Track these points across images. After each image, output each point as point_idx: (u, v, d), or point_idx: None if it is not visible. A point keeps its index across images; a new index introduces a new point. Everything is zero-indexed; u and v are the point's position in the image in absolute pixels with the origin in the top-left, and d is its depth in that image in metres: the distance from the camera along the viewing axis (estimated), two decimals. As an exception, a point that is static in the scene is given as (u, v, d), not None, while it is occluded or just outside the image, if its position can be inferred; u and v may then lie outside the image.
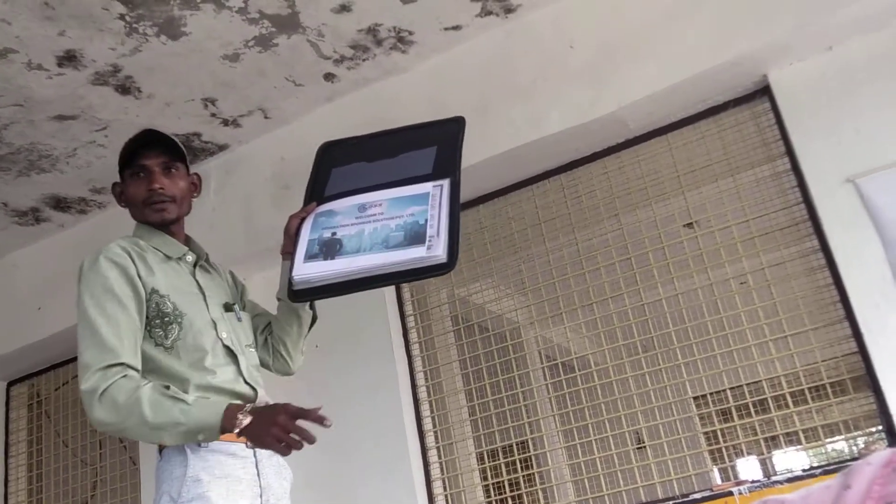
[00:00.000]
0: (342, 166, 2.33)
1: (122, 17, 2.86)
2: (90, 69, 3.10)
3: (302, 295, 2.09)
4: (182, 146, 2.26)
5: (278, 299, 2.23)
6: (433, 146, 2.21)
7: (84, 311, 1.97)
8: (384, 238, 1.98)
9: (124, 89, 3.25)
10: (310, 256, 2.06)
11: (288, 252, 2.17)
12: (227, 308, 2.15)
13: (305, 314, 2.24)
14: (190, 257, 2.16)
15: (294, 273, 2.07)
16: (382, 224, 2.02)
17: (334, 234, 2.07)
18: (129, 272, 1.99)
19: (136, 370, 1.91)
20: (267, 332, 2.28)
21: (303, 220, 2.20)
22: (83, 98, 3.26)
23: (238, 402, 1.90)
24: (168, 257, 2.12)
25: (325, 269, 2.01)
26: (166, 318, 1.99)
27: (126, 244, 2.08)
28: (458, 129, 2.30)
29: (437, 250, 1.88)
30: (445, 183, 2.05)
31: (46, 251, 4.22)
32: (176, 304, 2.01)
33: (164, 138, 2.22)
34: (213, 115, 3.51)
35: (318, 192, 2.28)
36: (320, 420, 1.77)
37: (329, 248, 2.04)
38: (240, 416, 1.80)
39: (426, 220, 1.95)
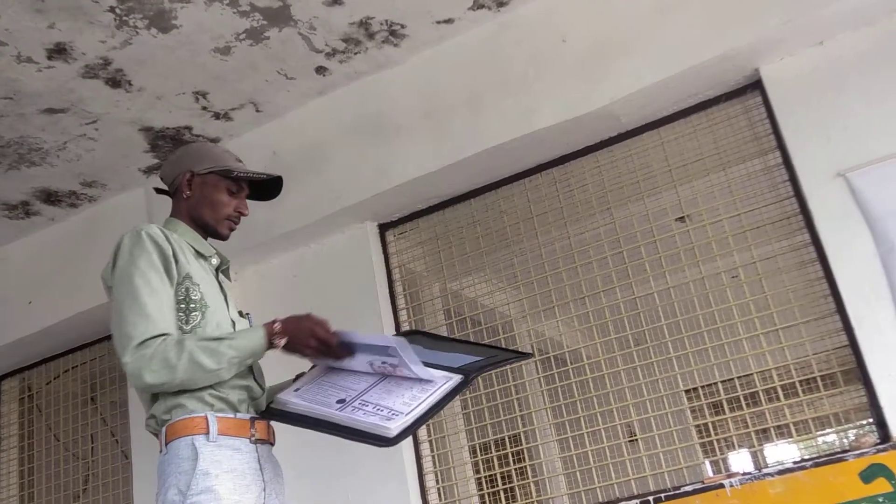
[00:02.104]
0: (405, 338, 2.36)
1: (112, 9, 2.84)
2: (80, 62, 3.08)
3: (270, 413, 2.13)
4: None
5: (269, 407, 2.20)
6: (483, 357, 2.18)
7: (130, 280, 1.98)
8: None
9: (115, 82, 3.23)
10: (296, 390, 2.13)
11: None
12: (241, 314, 2.23)
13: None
14: (215, 260, 2.23)
15: (281, 396, 2.13)
16: None
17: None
18: (166, 252, 2.04)
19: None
20: None
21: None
22: (73, 91, 3.24)
23: (271, 323, 2.00)
24: (199, 254, 2.17)
25: (299, 401, 2.08)
26: (192, 305, 2.04)
27: (165, 229, 2.13)
28: (517, 358, 2.31)
29: (393, 424, 1.87)
30: (455, 379, 2.01)
31: (37, 245, 4.20)
32: (204, 295, 2.07)
33: (276, 193, 2.36)
34: (205, 108, 3.50)
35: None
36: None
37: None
38: (276, 342, 1.97)
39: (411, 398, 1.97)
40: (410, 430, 1.90)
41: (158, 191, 2.35)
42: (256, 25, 3.06)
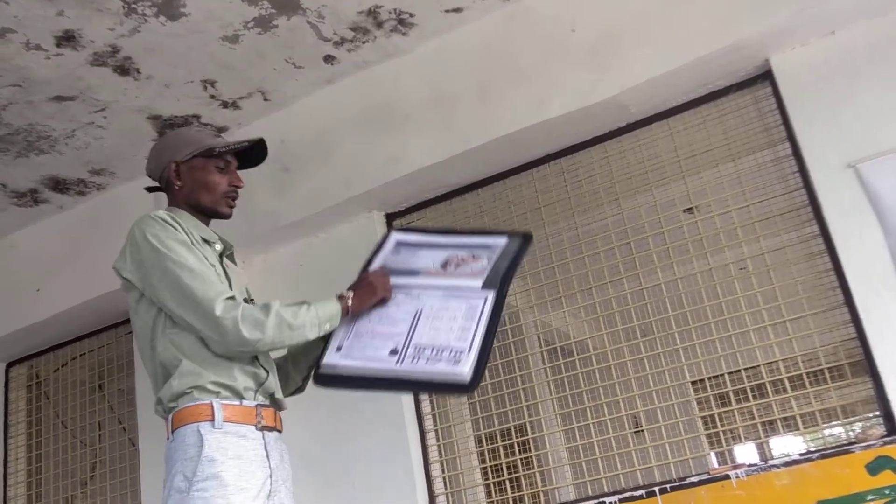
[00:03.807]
0: (407, 234, 2.39)
1: (120, -3, 2.84)
2: (89, 50, 3.08)
3: (321, 380, 2.10)
4: None
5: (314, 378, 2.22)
6: (493, 255, 2.18)
7: (171, 256, 2.00)
8: None
9: (123, 70, 3.23)
10: (339, 349, 2.08)
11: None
12: (246, 300, 2.20)
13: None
14: (219, 246, 2.21)
15: (327, 360, 2.09)
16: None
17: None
18: (180, 235, 2.08)
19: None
20: None
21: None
22: (82, 79, 3.24)
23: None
24: (203, 240, 2.16)
25: (349, 362, 2.03)
26: None
27: (170, 215, 2.13)
28: (524, 245, 2.32)
29: (463, 367, 1.83)
30: (490, 295, 2.01)
31: (45, 232, 4.21)
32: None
33: (263, 157, 2.35)
34: (213, 96, 3.50)
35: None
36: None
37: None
38: (346, 297, 2.11)
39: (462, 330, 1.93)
40: (481, 367, 1.86)
41: (150, 189, 2.34)
42: (265, 14, 3.05)
